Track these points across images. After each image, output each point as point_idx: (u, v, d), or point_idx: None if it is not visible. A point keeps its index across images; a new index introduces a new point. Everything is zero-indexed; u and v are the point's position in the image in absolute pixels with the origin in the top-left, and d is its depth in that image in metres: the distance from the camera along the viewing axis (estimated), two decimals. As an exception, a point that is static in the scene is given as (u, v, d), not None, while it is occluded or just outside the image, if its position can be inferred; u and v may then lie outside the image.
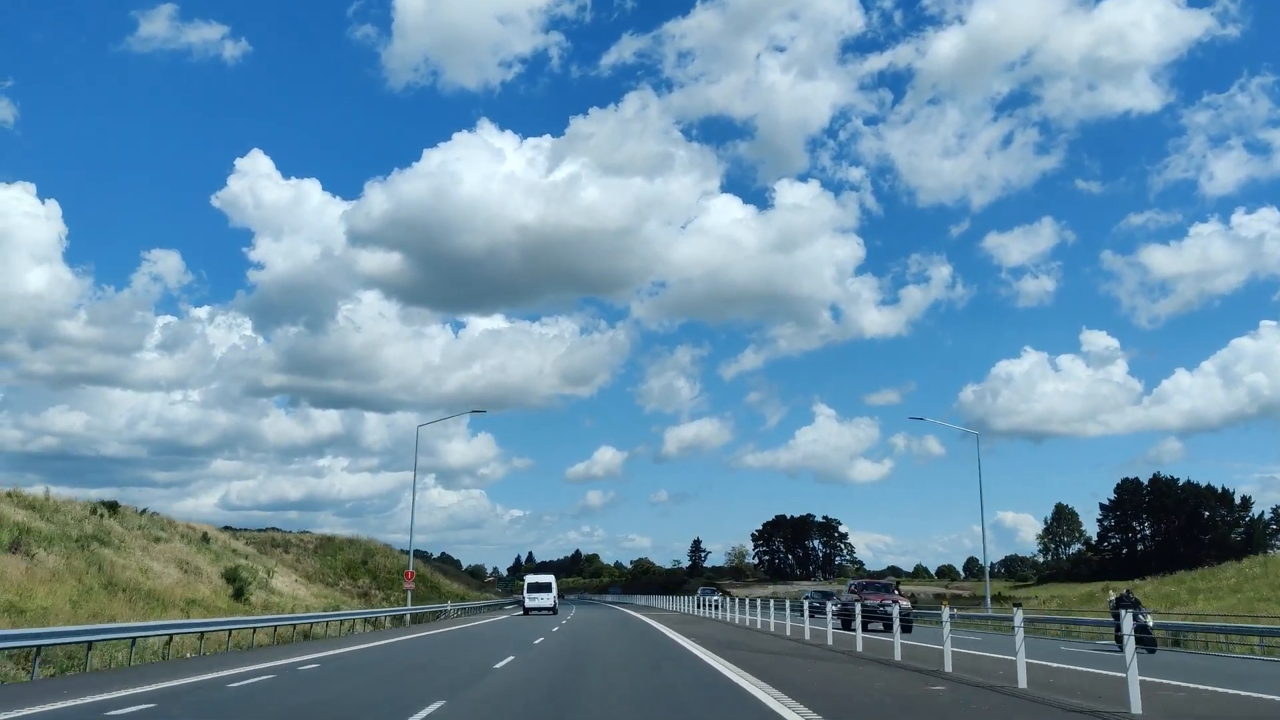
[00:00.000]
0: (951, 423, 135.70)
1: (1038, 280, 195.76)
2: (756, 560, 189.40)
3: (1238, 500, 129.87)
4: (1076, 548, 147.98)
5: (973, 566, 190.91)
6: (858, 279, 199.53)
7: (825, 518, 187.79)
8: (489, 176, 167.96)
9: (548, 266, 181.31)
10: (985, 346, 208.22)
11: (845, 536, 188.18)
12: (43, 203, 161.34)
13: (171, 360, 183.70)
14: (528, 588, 58.53)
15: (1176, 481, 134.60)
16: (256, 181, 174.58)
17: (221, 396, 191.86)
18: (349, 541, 65.83)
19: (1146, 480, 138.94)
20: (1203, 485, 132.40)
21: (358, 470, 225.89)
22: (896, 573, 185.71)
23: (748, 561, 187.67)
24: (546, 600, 56.44)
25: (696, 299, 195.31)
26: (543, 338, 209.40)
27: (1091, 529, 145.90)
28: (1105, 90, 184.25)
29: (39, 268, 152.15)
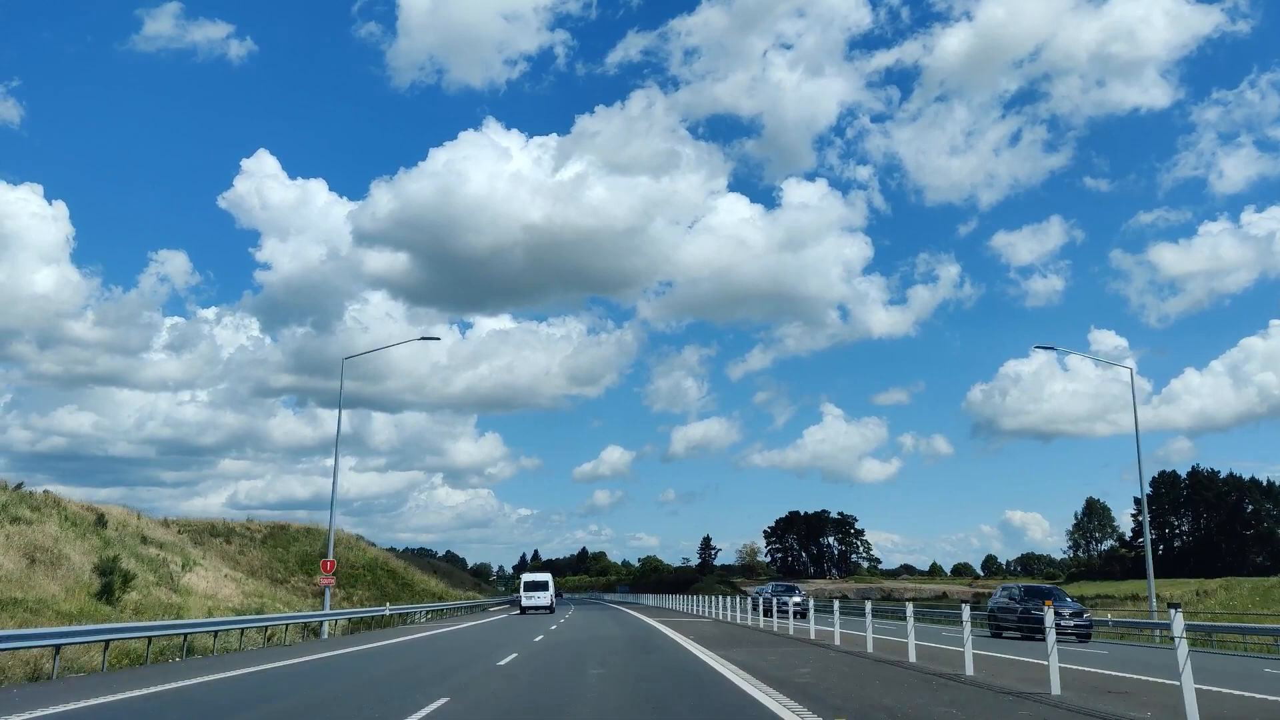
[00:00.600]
0: (1096, 357, 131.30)
1: (1046, 279, 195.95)
2: (769, 558, 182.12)
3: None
4: (1109, 544, 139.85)
5: (990, 564, 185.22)
6: (865, 278, 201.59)
7: (841, 514, 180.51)
8: (495, 176, 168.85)
9: (554, 266, 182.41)
10: (993, 346, 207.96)
11: (862, 533, 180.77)
12: (50, 204, 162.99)
13: (179, 361, 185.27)
14: (524, 586, 58.62)
15: (1217, 474, 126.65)
16: (263, 182, 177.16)
17: (229, 396, 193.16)
18: (305, 531, 58.21)
19: (1184, 474, 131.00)
20: (1246, 479, 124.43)
21: (365, 470, 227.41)
22: (910, 571, 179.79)
23: (760, 559, 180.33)
24: (543, 599, 56.30)
25: (704, 299, 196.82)
26: (550, 338, 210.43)
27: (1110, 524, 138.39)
28: (1114, 87, 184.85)
29: (47, 268, 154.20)
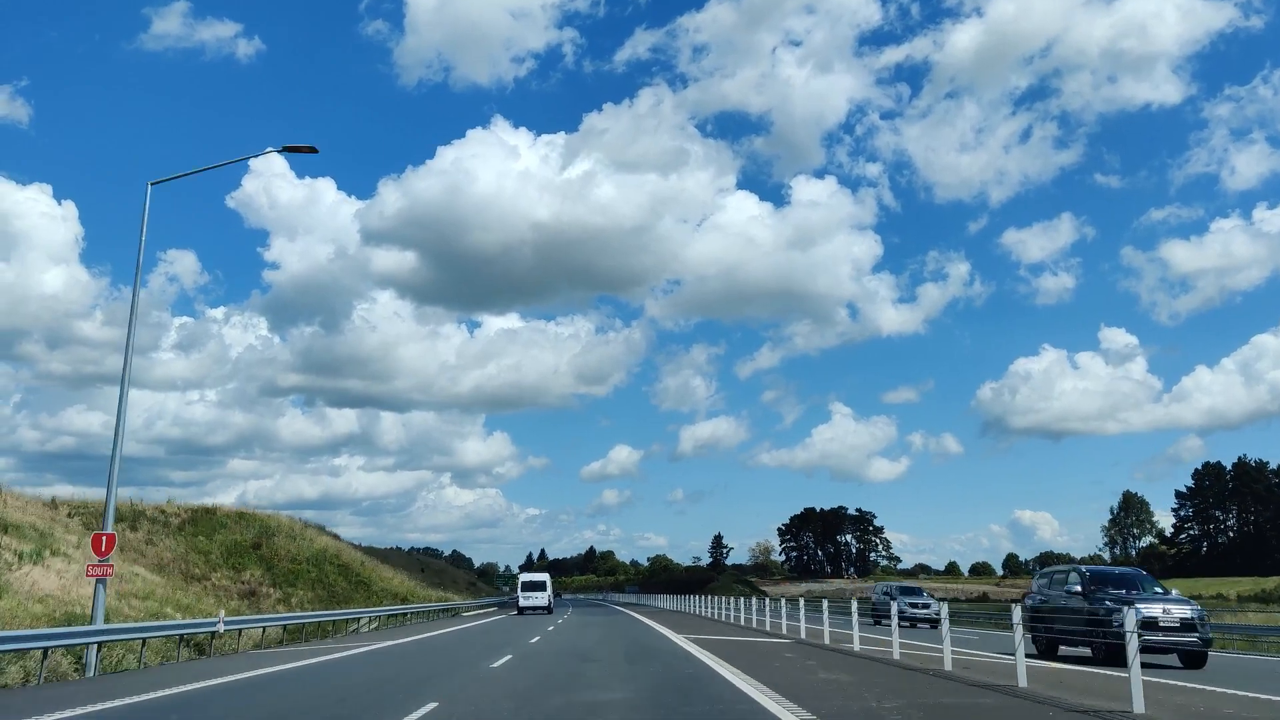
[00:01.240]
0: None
1: (1057, 277, 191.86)
2: (783, 557, 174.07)
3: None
4: (1148, 540, 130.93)
5: (1012, 563, 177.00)
6: (875, 276, 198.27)
7: (859, 510, 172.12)
8: (503, 174, 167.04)
9: (562, 264, 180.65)
10: (1003, 344, 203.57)
11: (881, 530, 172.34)
12: (59, 204, 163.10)
13: (188, 360, 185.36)
14: (521, 586, 58.59)
15: (1266, 465, 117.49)
16: (271, 182, 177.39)
17: (238, 396, 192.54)
18: (237, 516, 50.19)
19: (1230, 465, 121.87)
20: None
21: (373, 469, 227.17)
22: (925, 570, 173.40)
23: (773, 558, 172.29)
24: (541, 599, 56.48)
25: (712, 297, 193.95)
26: (558, 337, 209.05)
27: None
28: (1125, 83, 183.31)
29: (56, 268, 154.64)
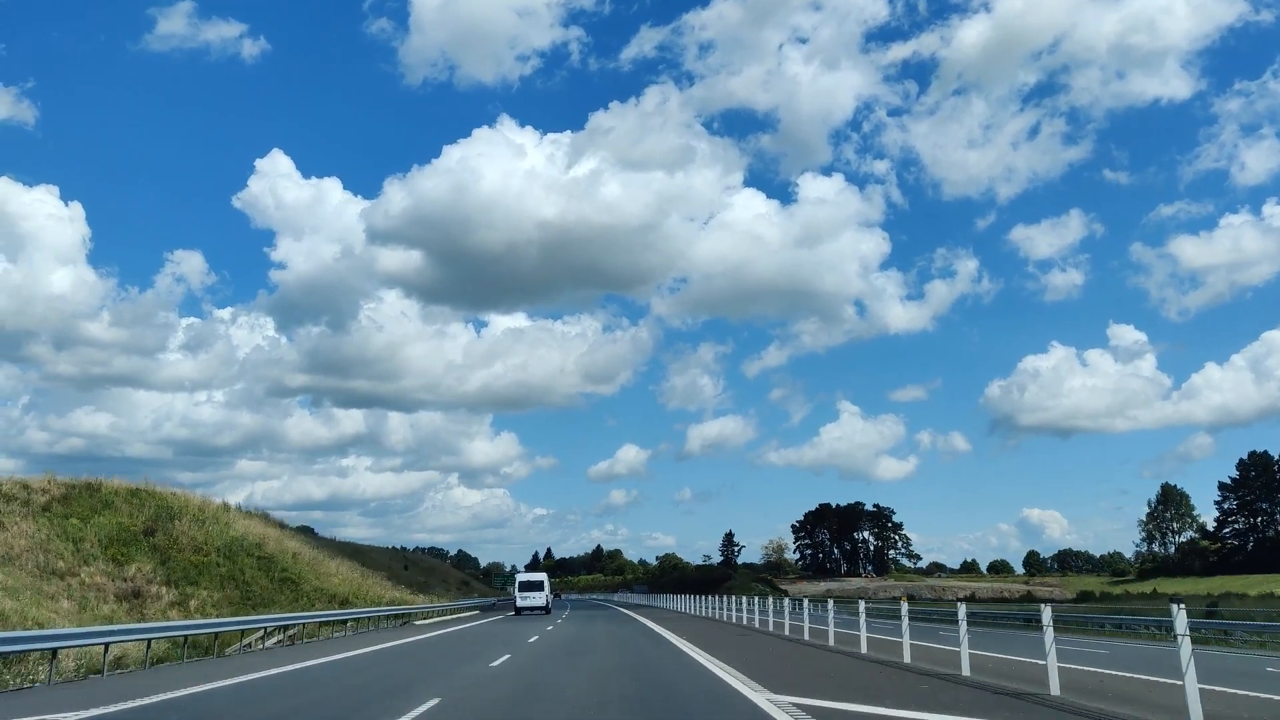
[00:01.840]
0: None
1: (1065, 274, 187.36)
2: (798, 555, 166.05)
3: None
4: (1188, 535, 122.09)
5: (1033, 560, 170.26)
6: (882, 274, 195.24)
7: (876, 506, 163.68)
8: (509, 173, 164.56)
9: (568, 263, 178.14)
10: (1012, 341, 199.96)
11: (900, 527, 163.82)
12: (66, 205, 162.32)
13: (195, 361, 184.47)
14: (518, 587, 58.67)
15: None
16: (277, 182, 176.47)
17: (245, 397, 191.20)
18: (128, 494, 42.17)
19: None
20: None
21: (381, 470, 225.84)
22: (940, 568, 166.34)
23: (787, 557, 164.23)
24: (538, 599, 56.68)
25: (719, 295, 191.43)
26: (564, 336, 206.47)
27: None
28: (1134, 78, 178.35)
29: (63, 269, 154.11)
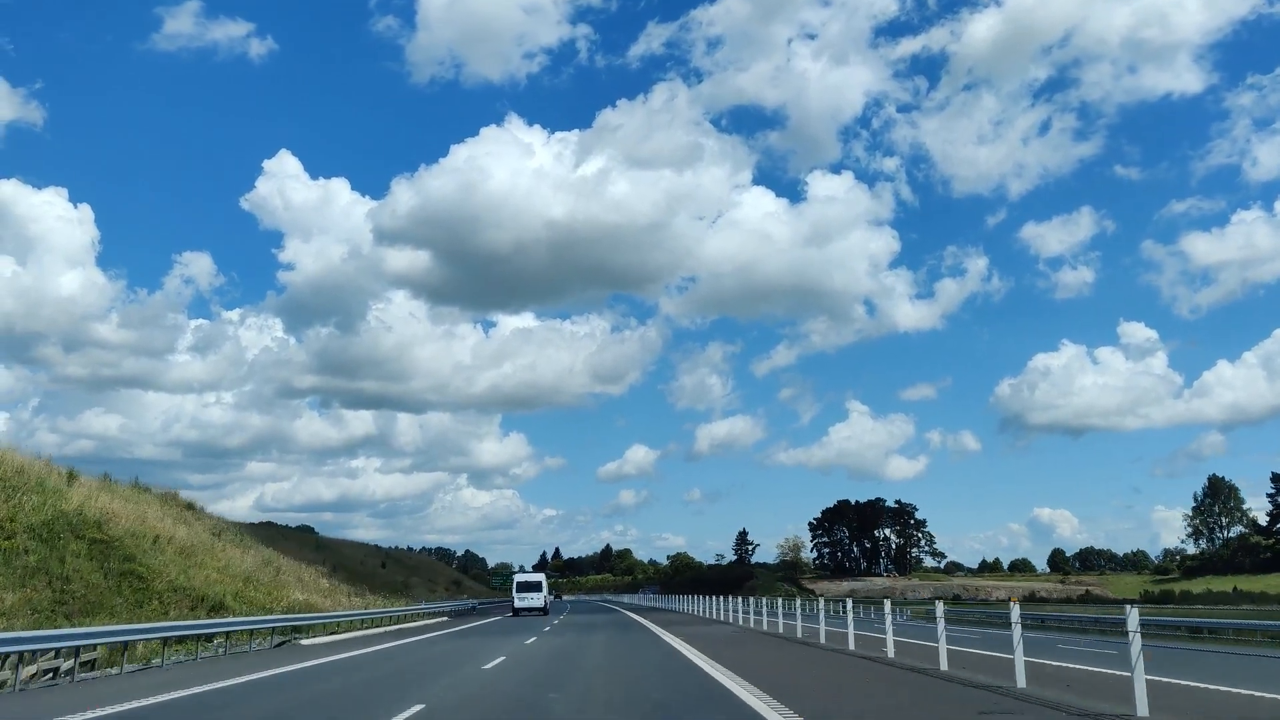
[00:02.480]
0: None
1: (1076, 271, 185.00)
2: (815, 554, 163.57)
3: None
4: (1238, 530, 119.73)
5: (1057, 559, 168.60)
6: (892, 272, 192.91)
7: (898, 502, 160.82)
8: (517, 172, 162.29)
9: (576, 263, 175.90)
10: (1022, 340, 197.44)
11: (923, 524, 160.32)
12: (75, 207, 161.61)
13: (204, 362, 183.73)
14: (516, 587, 58.59)
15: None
16: (285, 183, 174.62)
17: (254, 398, 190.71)
18: None
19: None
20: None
21: (390, 471, 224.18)
22: (958, 568, 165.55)
23: (804, 556, 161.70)
24: (536, 600, 56.61)
25: (728, 294, 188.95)
26: (573, 335, 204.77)
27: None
28: (1146, 73, 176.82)
29: (72, 271, 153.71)
